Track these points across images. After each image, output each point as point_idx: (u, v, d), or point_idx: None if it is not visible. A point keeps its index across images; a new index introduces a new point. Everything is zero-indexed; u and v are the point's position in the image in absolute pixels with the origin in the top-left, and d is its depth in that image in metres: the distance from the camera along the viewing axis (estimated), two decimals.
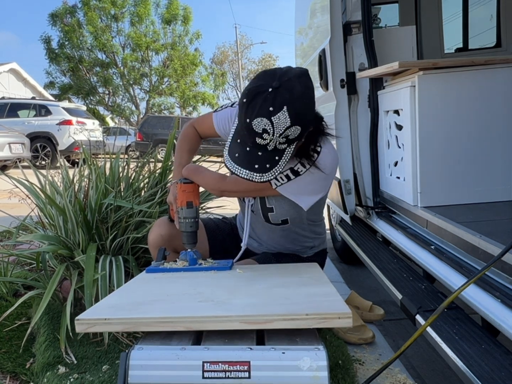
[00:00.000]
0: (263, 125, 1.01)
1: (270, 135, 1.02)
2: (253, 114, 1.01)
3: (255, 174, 1.06)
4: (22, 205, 2.26)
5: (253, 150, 1.07)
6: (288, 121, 1.01)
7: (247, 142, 1.08)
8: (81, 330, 0.87)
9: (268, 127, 1.01)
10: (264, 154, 1.06)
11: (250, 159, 1.07)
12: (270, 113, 1.00)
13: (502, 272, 1.20)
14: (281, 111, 1.00)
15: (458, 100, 1.74)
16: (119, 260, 1.74)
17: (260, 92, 1.01)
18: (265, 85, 1.02)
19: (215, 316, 0.84)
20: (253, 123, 1.02)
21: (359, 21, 2.20)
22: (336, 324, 0.83)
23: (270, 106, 1.00)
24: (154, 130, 12.91)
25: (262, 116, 1.01)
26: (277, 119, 1.00)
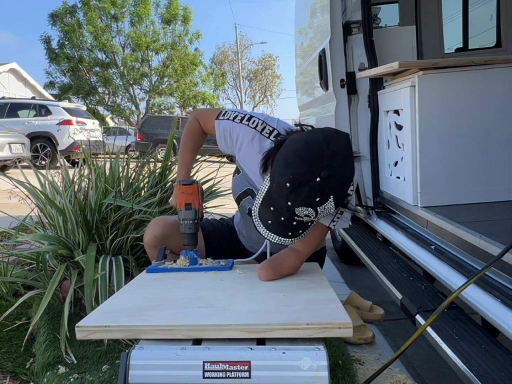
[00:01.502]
0: (306, 212, 0.99)
1: (311, 217, 1.01)
2: (296, 201, 0.98)
3: (287, 239, 1.08)
4: (22, 205, 2.26)
5: (288, 221, 1.06)
6: (332, 207, 1.00)
7: (283, 215, 1.06)
8: (81, 337, 0.87)
9: (311, 213, 0.99)
10: (299, 224, 1.06)
11: (284, 228, 1.07)
12: (315, 203, 0.97)
13: (502, 272, 1.20)
14: (328, 201, 0.98)
15: (458, 100, 1.74)
16: (119, 260, 1.74)
17: (307, 181, 0.95)
18: (313, 173, 0.96)
19: (215, 325, 0.84)
20: (296, 210, 0.99)
21: (359, 21, 2.19)
22: (336, 334, 0.84)
23: (317, 197, 0.97)
24: (154, 130, 12.91)
25: (307, 206, 0.98)
26: (322, 208, 0.99)
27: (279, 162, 1.01)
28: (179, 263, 1.30)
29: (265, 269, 1.13)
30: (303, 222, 1.06)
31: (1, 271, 2.01)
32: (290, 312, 0.89)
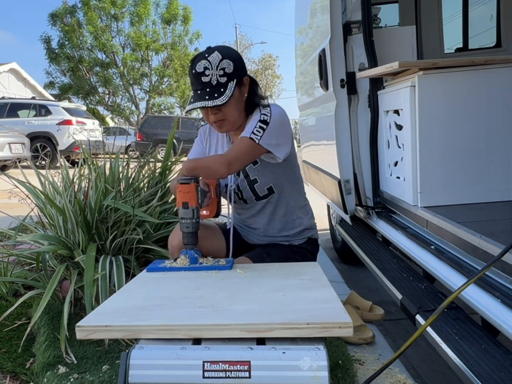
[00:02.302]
0: (203, 65, 1.31)
1: (210, 69, 1.31)
2: (194, 63, 1.33)
3: (207, 102, 1.30)
4: (22, 205, 2.26)
5: (202, 90, 1.33)
6: (219, 56, 1.32)
7: (197, 87, 1.34)
8: (81, 337, 0.87)
9: (207, 64, 1.31)
10: (211, 89, 1.32)
11: (202, 96, 1.32)
12: (205, 56, 1.33)
13: (502, 272, 1.20)
14: (214, 52, 1.33)
15: (458, 100, 1.74)
16: (119, 260, 1.73)
17: (196, 55, 1.36)
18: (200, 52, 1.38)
19: (215, 325, 0.84)
20: (196, 68, 1.32)
21: (359, 21, 2.19)
22: (336, 334, 0.84)
23: (206, 53, 1.33)
24: (154, 130, 12.90)
25: (200, 60, 1.32)
26: (211, 57, 1.32)
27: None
28: (180, 262, 1.30)
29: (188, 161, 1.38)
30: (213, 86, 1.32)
31: (1, 271, 2.01)
32: (290, 311, 0.89)
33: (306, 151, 3.40)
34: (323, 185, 2.72)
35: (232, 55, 1.35)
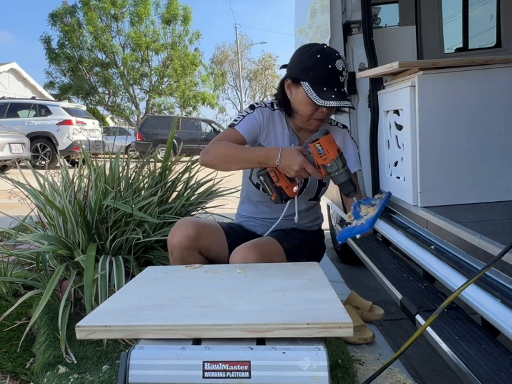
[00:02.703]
0: (341, 65, 1.33)
1: (345, 71, 1.35)
2: (330, 60, 1.32)
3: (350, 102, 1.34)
4: (22, 205, 2.26)
5: (339, 89, 1.34)
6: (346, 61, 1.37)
7: (334, 84, 1.33)
8: (81, 337, 0.86)
9: (343, 65, 1.34)
10: (345, 90, 1.36)
11: (342, 95, 1.33)
12: (339, 56, 1.34)
13: (502, 272, 1.20)
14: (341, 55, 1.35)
15: (458, 100, 1.74)
16: (119, 260, 1.73)
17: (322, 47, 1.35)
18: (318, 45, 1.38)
19: (215, 325, 0.84)
20: (336, 65, 1.32)
21: (359, 21, 2.19)
22: (336, 334, 0.84)
23: (336, 52, 1.35)
24: (154, 130, 12.91)
25: (338, 58, 1.33)
26: (344, 59, 1.35)
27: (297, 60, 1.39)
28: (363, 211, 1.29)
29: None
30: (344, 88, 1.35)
31: (1, 271, 2.01)
32: (290, 312, 0.89)
33: None
34: None
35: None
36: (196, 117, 16.28)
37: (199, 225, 1.41)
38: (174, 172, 2.35)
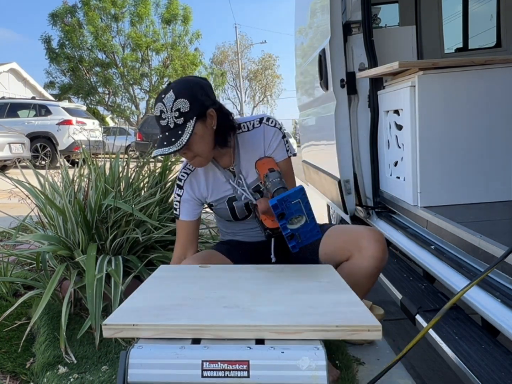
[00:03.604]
0: (159, 108, 1.28)
1: (165, 112, 1.27)
2: (155, 108, 1.31)
3: (165, 148, 1.27)
4: (22, 205, 2.27)
5: (163, 136, 1.31)
6: (173, 96, 1.25)
7: (160, 131, 1.33)
8: (108, 335, 0.86)
9: (162, 107, 1.27)
10: (170, 133, 1.28)
11: (162, 141, 1.30)
12: (161, 98, 1.28)
13: (503, 272, 1.20)
14: (168, 93, 1.26)
15: (458, 100, 1.74)
16: (118, 260, 1.73)
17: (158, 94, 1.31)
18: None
19: (244, 325, 0.84)
20: (155, 112, 1.31)
21: (359, 21, 2.19)
22: (365, 337, 0.84)
23: (163, 93, 1.28)
24: (154, 130, 12.88)
25: (157, 101, 1.29)
26: (166, 99, 1.26)
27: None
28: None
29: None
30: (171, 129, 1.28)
31: (1, 271, 2.01)
32: (317, 314, 0.89)
33: (306, 151, 3.40)
34: (323, 185, 2.72)
35: (187, 91, 1.26)
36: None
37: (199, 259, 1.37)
38: (174, 172, 2.35)
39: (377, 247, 1.27)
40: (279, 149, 1.44)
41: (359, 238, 1.30)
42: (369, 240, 1.28)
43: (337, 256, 1.34)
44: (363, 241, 1.28)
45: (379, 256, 1.27)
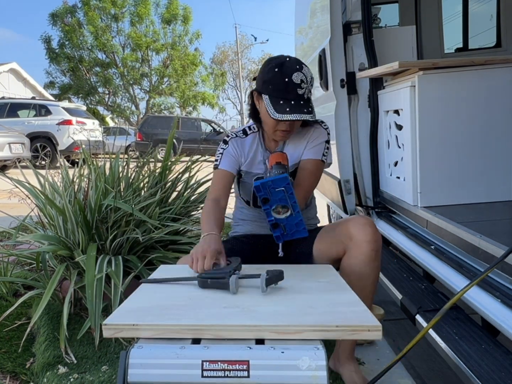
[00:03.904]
0: (300, 77, 1.32)
1: (305, 83, 1.33)
2: (288, 72, 1.32)
3: (307, 115, 1.31)
4: (22, 205, 2.27)
5: (296, 102, 1.33)
6: (310, 72, 1.35)
7: (290, 97, 1.33)
8: (108, 335, 0.86)
9: (303, 77, 1.32)
10: (305, 103, 1.34)
11: (299, 108, 1.32)
12: (300, 68, 1.33)
13: (502, 272, 1.20)
14: (303, 66, 1.34)
15: (458, 100, 1.74)
16: (118, 260, 1.73)
17: (282, 61, 1.34)
18: (278, 59, 1.36)
19: (244, 325, 0.84)
20: (293, 78, 1.31)
21: (359, 21, 2.19)
22: (365, 337, 0.83)
23: (297, 65, 1.33)
24: (154, 130, 12.91)
25: (297, 71, 1.32)
26: (305, 71, 1.33)
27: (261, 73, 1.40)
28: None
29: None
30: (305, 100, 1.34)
31: (1, 271, 2.01)
32: (317, 314, 0.89)
33: None
34: (323, 185, 2.72)
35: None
36: (196, 117, 16.27)
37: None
38: (174, 172, 2.35)
39: (366, 230, 1.28)
40: (316, 149, 1.48)
41: (347, 228, 1.32)
42: (356, 226, 1.30)
43: (332, 250, 1.36)
44: (351, 229, 1.30)
45: (370, 238, 1.27)
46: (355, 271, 1.28)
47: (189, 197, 2.31)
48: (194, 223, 2.27)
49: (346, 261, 1.31)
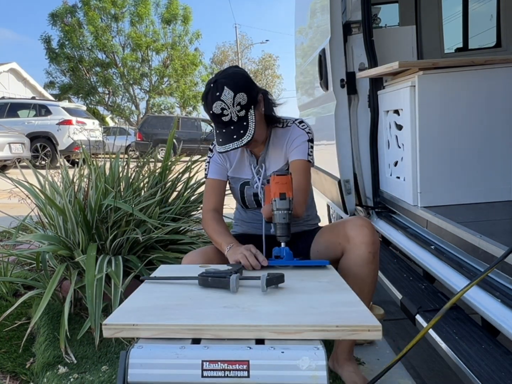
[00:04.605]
0: (219, 106, 1.32)
1: (227, 109, 1.32)
2: (209, 105, 1.33)
3: (237, 142, 1.33)
4: (22, 205, 2.27)
5: (227, 129, 1.35)
6: (231, 93, 1.31)
7: (219, 127, 1.36)
8: (108, 335, 0.86)
9: (223, 105, 1.31)
10: (235, 126, 1.34)
11: (229, 136, 1.34)
12: (218, 97, 1.31)
13: (502, 272, 1.20)
14: (224, 90, 1.31)
15: (458, 100, 1.74)
16: (118, 260, 1.73)
17: (207, 92, 1.34)
18: (207, 85, 1.36)
19: (244, 325, 0.84)
20: (213, 110, 1.32)
21: (359, 21, 2.19)
22: (365, 337, 0.83)
23: (216, 92, 1.31)
24: (154, 130, 12.91)
25: (214, 101, 1.31)
26: (224, 97, 1.31)
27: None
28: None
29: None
30: (235, 123, 1.34)
31: (1, 271, 2.01)
32: (317, 314, 0.88)
33: None
34: (323, 185, 2.72)
35: (241, 84, 1.33)
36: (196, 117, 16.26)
37: (203, 253, 1.38)
38: (174, 172, 2.35)
39: (363, 232, 1.28)
40: (299, 149, 1.46)
41: (345, 229, 1.31)
42: (354, 227, 1.29)
43: (330, 252, 1.36)
44: (349, 231, 1.30)
45: (368, 240, 1.27)
46: (353, 273, 1.28)
47: (189, 197, 2.31)
48: (195, 223, 2.27)
49: (344, 263, 1.31)
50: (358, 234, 1.28)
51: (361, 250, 1.27)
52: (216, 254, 1.39)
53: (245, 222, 1.59)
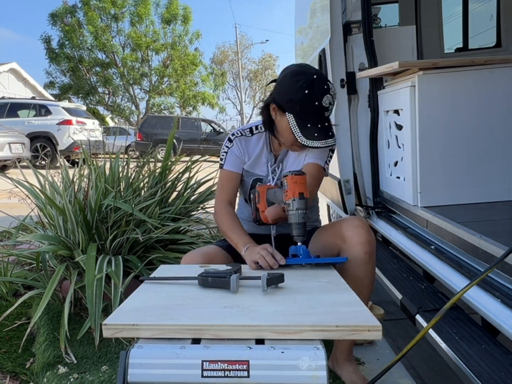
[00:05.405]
0: (329, 101, 1.28)
1: (332, 104, 1.30)
2: (318, 96, 1.26)
3: (331, 140, 1.29)
4: (22, 205, 2.27)
5: (324, 125, 1.31)
6: (334, 90, 1.30)
7: (319, 121, 1.30)
8: (108, 335, 0.86)
9: (331, 99, 1.29)
10: (329, 123, 1.32)
11: (326, 132, 1.30)
12: (328, 89, 1.28)
13: (503, 272, 1.20)
14: (329, 84, 1.29)
15: (458, 100, 1.74)
16: (118, 260, 1.73)
17: (311, 80, 1.27)
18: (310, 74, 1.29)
19: (244, 325, 0.84)
20: (323, 102, 1.27)
21: (359, 21, 2.19)
22: (365, 337, 0.83)
23: (324, 85, 1.28)
24: (154, 130, 12.92)
25: (326, 93, 1.27)
26: (332, 91, 1.29)
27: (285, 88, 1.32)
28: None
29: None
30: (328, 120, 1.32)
31: (1, 271, 2.01)
32: (317, 314, 0.89)
33: None
34: (323, 185, 2.72)
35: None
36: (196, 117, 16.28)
37: (203, 253, 1.37)
38: (174, 172, 2.35)
39: (358, 232, 1.27)
40: (319, 154, 1.45)
41: (341, 229, 1.31)
42: (350, 228, 1.29)
43: (327, 252, 1.35)
44: (345, 231, 1.29)
45: (363, 240, 1.27)
46: (350, 273, 1.27)
47: (189, 197, 2.31)
48: (195, 223, 2.27)
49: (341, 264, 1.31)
50: (354, 234, 1.28)
51: (357, 251, 1.27)
52: (216, 254, 1.39)
53: (247, 220, 1.58)
